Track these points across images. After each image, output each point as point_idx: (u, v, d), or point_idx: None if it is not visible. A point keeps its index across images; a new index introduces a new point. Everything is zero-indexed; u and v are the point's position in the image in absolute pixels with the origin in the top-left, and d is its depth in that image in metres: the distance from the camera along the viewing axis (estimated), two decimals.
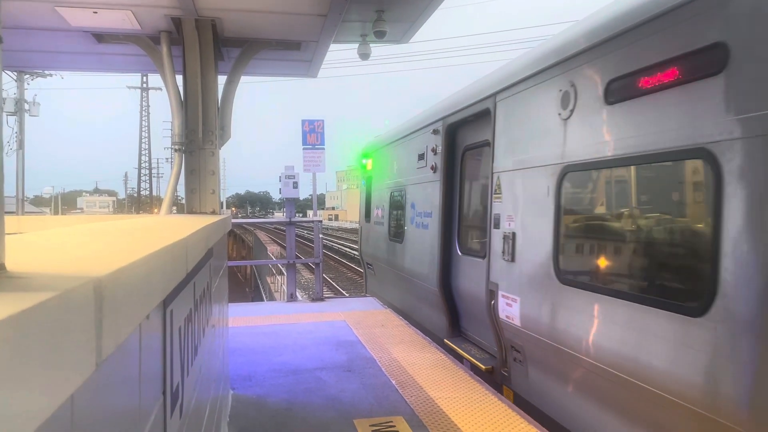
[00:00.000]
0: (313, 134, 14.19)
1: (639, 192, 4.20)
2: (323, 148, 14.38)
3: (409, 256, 9.16)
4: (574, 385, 4.68)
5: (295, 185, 10.70)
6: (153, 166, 66.40)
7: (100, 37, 5.98)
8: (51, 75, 34.08)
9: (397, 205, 9.90)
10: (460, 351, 6.92)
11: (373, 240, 11.78)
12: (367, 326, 7.82)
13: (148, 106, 62.26)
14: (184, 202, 6.18)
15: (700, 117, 3.39)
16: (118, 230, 1.95)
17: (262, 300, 20.54)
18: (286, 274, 10.94)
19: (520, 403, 5.36)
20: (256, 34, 6.07)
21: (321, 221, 11.06)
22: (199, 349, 2.47)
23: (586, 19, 4.83)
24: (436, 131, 7.87)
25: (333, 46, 6.67)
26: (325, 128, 14.45)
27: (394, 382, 5.43)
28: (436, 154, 7.85)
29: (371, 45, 7.40)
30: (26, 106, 32.44)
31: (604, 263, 4.42)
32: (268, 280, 21.89)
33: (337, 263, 32.26)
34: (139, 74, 54.12)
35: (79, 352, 0.67)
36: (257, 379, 5.55)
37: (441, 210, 7.65)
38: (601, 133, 4.35)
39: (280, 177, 10.66)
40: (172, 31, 5.74)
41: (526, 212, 5.40)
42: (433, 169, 7.96)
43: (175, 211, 8.73)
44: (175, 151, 5.88)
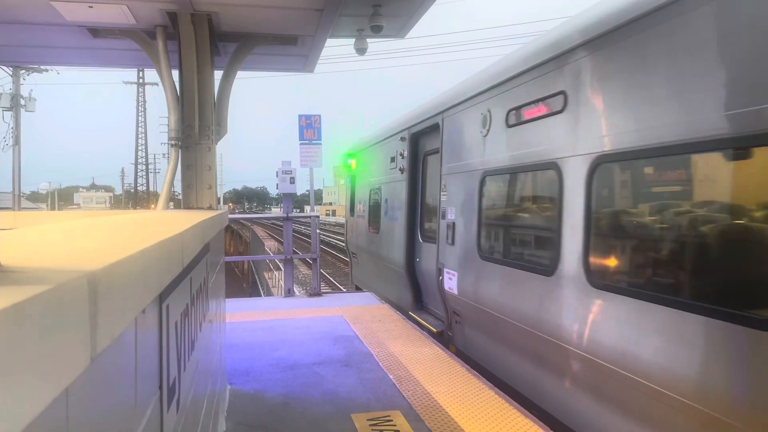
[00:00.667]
0: (310, 129, 14.17)
1: (525, 192, 5.72)
2: (320, 143, 14.35)
3: (383, 245, 10.60)
4: (494, 337, 6.05)
5: (292, 181, 10.69)
6: (150, 161, 66.29)
7: (96, 32, 5.95)
8: (47, 70, 33.95)
9: (375, 201, 11.34)
10: (420, 319, 8.31)
11: (356, 232, 13.26)
12: (364, 321, 7.83)
13: (145, 102, 62.08)
14: (180, 197, 6.17)
15: (554, 140, 4.90)
16: (114, 225, 1.94)
17: (260, 295, 20.55)
18: (283, 269, 10.93)
19: (460, 356, 6.59)
20: (252, 29, 6.05)
21: (318, 216, 11.08)
22: (196, 344, 2.47)
23: (496, 63, 6.42)
24: (403, 138, 9.34)
25: (330, 41, 6.66)
26: (322, 123, 14.43)
27: (391, 377, 5.44)
28: (403, 158, 9.33)
29: (368, 40, 7.39)
30: (22, 102, 32.32)
31: (505, 243, 6.03)
32: (266, 275, 21.89)
33: (335, 259, 32.25)
34: (136, 69, 53.96)
35: (73, 345, 0.67)
36: (255, 374, 5.56)
37: (407, 205, 9.12)
38: (504, 148, 5.86)
39: (277, 172, 10.64)
40: (168, 25, 5.72)
41: (461, 206, 6.88)
42: (401, 170, 9.41)
43: (172, 207, 8.72)
44: (172, 146, 5.86)
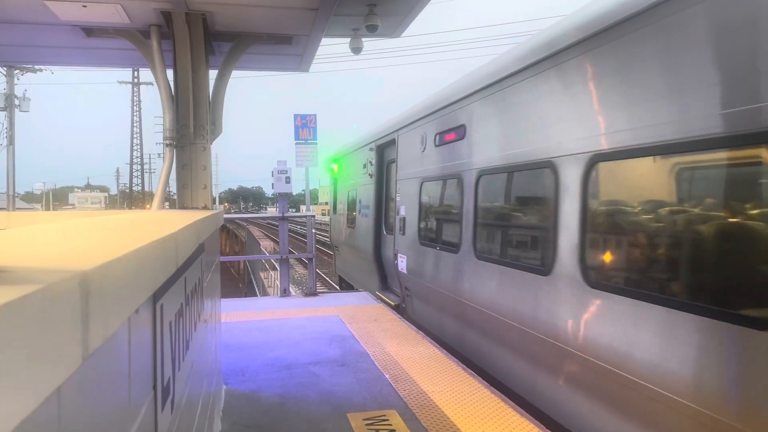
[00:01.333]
0: (305, 129, 14.16)
1: (445, 194, 7.50)
2: (316, 143, 14.36)
3: (358, 238, 12.44)
4: (431, 305, 7.95)
5: (288, 180, 10.67)
6: (145, 161, 66.11)
7: (90, 32, 5.94)
8: (41, 70, 33.83)
9: (351, 200, 13.20)
10: (383, 297, 10.10)
11: (338, 228, 15.07)
12: (360, 321, 7.83)
13: (139, 101, 61.89)
14: (176, 197, 6.16)
15: (459, 158, 6.83)
16: (108, 225, 1.94)
17: (256, 295, 20.52)
18: (279, 269, 10.92)
19: (412, 322, 8.16)
20: (247, 28, 6.04)
21: (314, 216, 11.07)
22: (191, 344, 2.47)
23: (431, 96, 8.34)
24: (371, 149, 11.18)
25: (325, 41, 6.65)
26: (318, 123, 14.42)
27: (387, 376, 5.45)
28: (371, 165, 11.16)
29: (363, 39, 7.39)
30: (16, 102, 32.20)
31: (434, 231, 7.95)
32: (262, 275, 21.86)
33: (331, 258, 32.22)
34: (130, 69, 53.81)
35: (65, 345, 0.67)
36: (250, 374, 5.55)
37: (374, 204, 11.00)
38: (434, 162, 7.78)
39: (273, 172, 10.63)
40: (162, 25, 5.70)
41: (408, 204, 8.87)
42: (370, 175, 11.25)
43: (167, 207, 8.69)
44: (167, 146, 5.85)
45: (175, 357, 1.94)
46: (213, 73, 6.31)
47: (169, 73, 5.87)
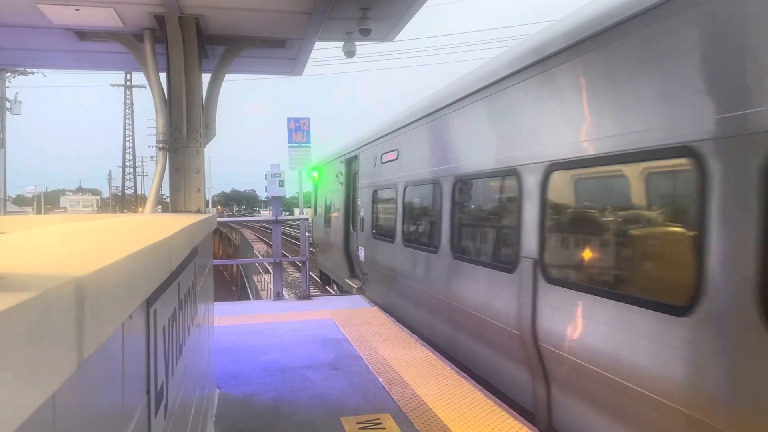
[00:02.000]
0: (299, 132, 14.18)
1: (389, 199, 9.42)
2: (309, 146, 14.38)
3: (332, 235, 14.36)
4: (381, 285, 9.91)
5: (281, 183, 10.68)
6: (137, 164, 65.90)
7: (83, 35, 5.92)
8: (33, 73, 33.64)
9: (328, 204, 15.15)
10: (351, 282, 12.12)
11: (318, 228, 17.07)
12: (353, 324, 7.83)
13: (132, 104, 61.70)
14: (169, 201, 6.14)
15: (395, 173, 8.95)
16: (101, 230, 1.93)
17: (249, 299, 20.46)
18: (272, 272, 10.90)
19: (372, 301, 9.94)
20: (240, 32, 6.04)
21: (307, 219, 11.10)
22: (184, 349, 2.46)
23: (381, 122, 10.39)
24: (341, 161, 13.20)
25: (318, 44, 6.66)
26: (311, 126, 14.42)
27: (380, 380, 5.45)
28: (342, 175, 13.14)
29: (356, 43, 7.40)
30: (8, 105, 32.01)
31: (381, 227, 9.97)
32: (255, 278, 21.80)
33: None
34: (123, 72, 53.60)
35: (60, 351, 0.67)
36: (244, 378, 5.54)
37: (344, 207, 13.10)
38: (381, 175, 9.83)
39: (266, 175, 10.63)
40: (156, 28, 5.70)
41: (366, 207, 10.91)
42: (341, 183, 13.20)
43: (160, 210, 8.67)
44: (160, 149, 5.84)
45: (169, 361, 1.94)
46: (206, 77, 6.31)
47: (163, 77, 5.86)
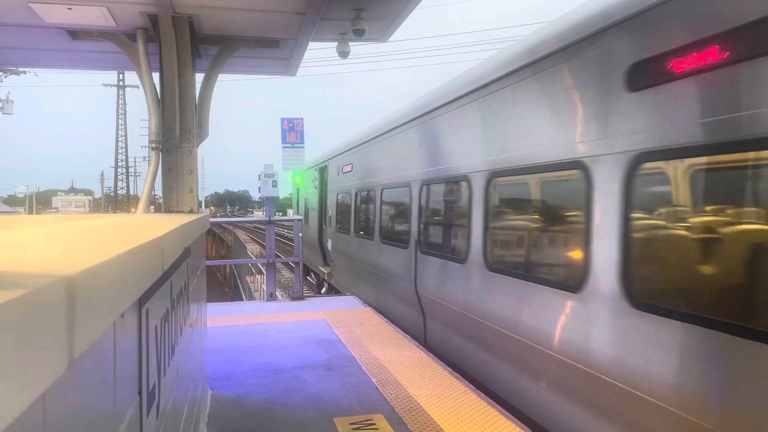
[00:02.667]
0: (292, 132, 14.17)
1: (347, 201, 11.90)
2: (303, 147, 14.37)
3: (310, 231, 17.12)
4: (343, 269, 12.59)
5: (275, 184, 10.67)
6: (130, 164, 65.59)
7: (75, 34, 5.89)
8: (25, 72, 33.47)
9: (307, 205, 18.15)
10: (322, 269, 14.85)
11: (299, 225, 21.69)
12: (347, 325, 7.82)
13: (125, 104, 61.43)
14: (161, 201, 6.12)
15: (350, 181, 11.95)
16: (93, 229, 1.92)
17: (242, 299, 20.40)
18: (265, 273, 10.88)
19: (337, 285, 13.22)
20: (233, 32, 6.03)
21: (301, 220, 11.07)
22: (177, 349, 2.45)
23: (343, 141, 13.02)
24: (316, 169, 15.75)
25: (312, 44, 6.65)
26: (305, 126, 14.41)
27: (374, 380, 5.44)
28: (316, 180, 15.77)
29: (350, 44, 7.40)
30: (0, 104, 31.83)
31: (342, 223, 12.51)
32: (248, 279, 21.74)
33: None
34: (116, 72, 53.37)
35: (50, 350, 0.67)
36: (237, 379, 5.52)
37: (318, 207, 15.72)
38: (342, 182, 12.51)
39: (260, 176, 10.61)
40: (149, 28, 5.67)
41: (332, 207, 13.48)
42: (316, 188, 15.83)
43: (153, 211, 8.64)
44: (152, 149, 5.81)
45: (161, 362, 1.93)
46: (199, 77, 6.29)
47: (155, 77, 5.84)
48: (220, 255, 42.00)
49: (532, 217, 5.22)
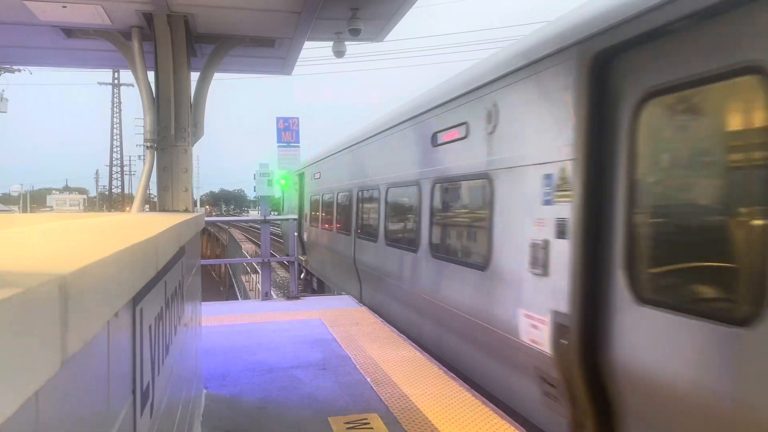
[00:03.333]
0: (288, 132, 14.14)
1: (321, 201, 14.72)
2: (298, 146, 14.35)
3: (291, 226, 19.50)
4: (315, 255, 15.69)
5: (270, 183, 10.65)
6: (125, 163, 65.37)
7: (70, 32, 5.87)
8: (19, 70, 33.33)
9: (290, 204, 20.80)
10: (301, 258, 16.34)
11: (285, 223, 23.02)
12: (342, 324, 7.82)
13: (120, 103, 61.21)
14: (156, 200, 6.10)
15: (320, 186, 14.79)
16: (87, 228, 1.92)
17: (237, 299, 20.38)
18: (260, 272, 10.87)
19: (312, 270, 16.54)
20: (229, 31, 6.01)
21: (296, 219, 11.05)
22: (171, 348, 2.45)
23: (316, 152, 16.37)
24: (297, 174, 18.23)
25: (308, 44, 6.64)
26: (300, 125, 14.40)
27: (368, 380, 5.45)
28: (297, 184, 18.53)
29: (346, 43, 7.39)
30: None
31: (314, 218, 15.81)
32: (243, 278, 21.73)
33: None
34: (111, 70, 53.18)
35: (44, 349, 0.67)
36: (231, 378, 5.52)
37: (298, 206, 18.42)
38: (314, 186, 15.65)
39: (255, 175, 10.60)
40: (144, 26, 5.66)
41: (307, 206, 16.74)
42: (296, 190, 18.79)
43: (148, 210, 8.60)
44: (147, 148, 5.79)
45: (155, 361, 1.93)
46: (195, 75, 6.27)
47: (151, 75, 5.82)
48: (215, 254, 41.89)
49: (404, 212, 8.32)
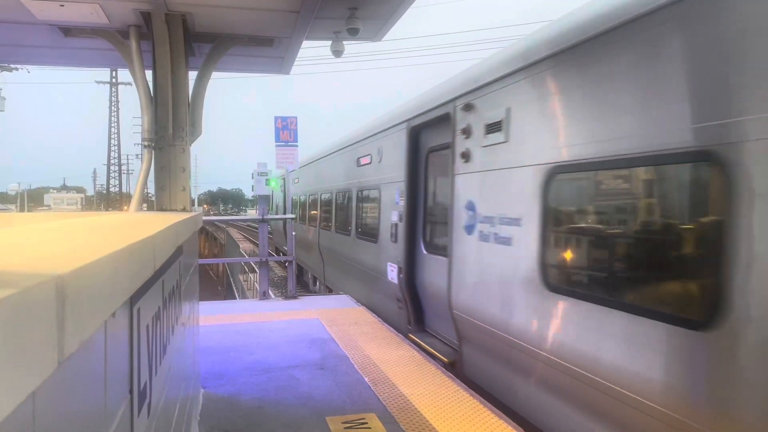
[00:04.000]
0: (286, 131, 14.10)
1: (298, 201, 20.24)
2: (296, 145, 14.30)
3: (278, 223, 21.76)
4: (300, 246, 17.22)
5: (268, 182, 10.64)
6: (123, 162, 65.25)
7: (68, 31, 5.86)
8: (17, 69, 33.28)
9: (277, 204, 23.92)
10: (285, 247, 17.76)
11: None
12: (340, 324, 7.82)
13: (118, 102, 61.12)
14: (154, 199, 6.09)
15: (298, 190, 20.66)
16: (85, 228, 1.92)
17: (235, 298, 20.37)
18: (258, 272, 10.87)
19: (299, 267, 20.37)
20: (227, 30, 6.01)
21: (294, 218, 11.08)
22: (169, 348, 2.45)
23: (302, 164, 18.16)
24: (282, 178, 20.45)
25: (306, 43, 6.65)
26: (299, 124, 14.39)
27: (366, 380, 5.45)
28: (282, 186, 20.45)
29: (344, 42, 7.39)
30: None
31: (300, 216, 19.51)
32: (241, 278, 21.73)
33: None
34: (108, 69, 53.06)
35: (40, 349, 0.67)
36: (229, 378, 5.51)
37: (282, 205, 18.39)
38: (295, 189, 20.26)
39: (253, 174, 10.59)
40: (142, 25, 5.65)
41: (292, 207, 17.00)
42: (282, 191, 19.67)
43: (145, 209, 8.61)
44: (145, 147, 5.79)
45: (152, 361, 1.93)
46: (193, 74, 6.27)
47: (148, 74, 5.81)
48: (213, 253, 41.90)
49: (345, 209, 11.65)
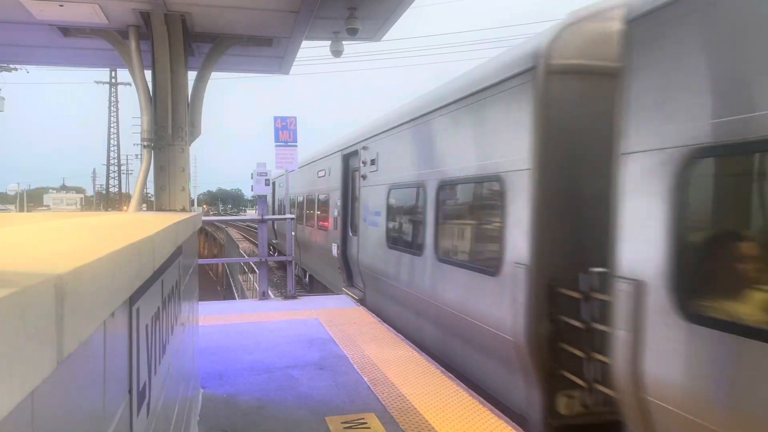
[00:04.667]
0: (285, 131, 14.12)
1: (294, 203, 21.28)
2: (296, 145, 14.32)
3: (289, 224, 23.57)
4: (284, 242, 17.93)
5: (268, 182, 10.65)
6: (122, 162, 65.19)
7: (67, 31, 5.85)
8: (16, 69, 33.27)
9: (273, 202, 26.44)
10: (274, 241, 25.76)
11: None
12: (339, 324, 7.82)
13: (117, 102, 61.05)
14: (153, 199, 6.09)
15: (294, 191, 20.50)
16: (84, 227, 1.92)
17: (234, 298, 20.37)
18: (258, 272, 10.86)
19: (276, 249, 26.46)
20: (226, 30, 6.01)
21: (294, 218, 11.04)
22: (168, 348, 2.45)
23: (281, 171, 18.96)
24: (271, 182, 20.61)
25: (305, 43, 6.64)
26: (298, 125, 14.39)
27: (366, 379, 5.45)
28: (271, 188, 19.93)
29: (344, 42, 7.39)
30: None
31: (297, 215, 20.10)
32: (240, 278, 21.72)
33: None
34: (108, 69, 53.02)
35: (39, 349, 0.67)
36: (228, 378, 5.51)
37: (271, 205, 24.01)
38: (282, 191, 19.03)
39: (253, 174, 10.59)
40: (141, 25, 5.65)
41: (279, 207, 24.95)
42: (272, 193, 23.19)
43: (145, 209, 8.60)
44: (144, 147, 5.78)
45: (152, 361, 1.93)
46: (192, 74, 6.26)
47: (148, 74, 5.81)
48: (212, 253, 41.84)
49: (311, 208, 16.00)
